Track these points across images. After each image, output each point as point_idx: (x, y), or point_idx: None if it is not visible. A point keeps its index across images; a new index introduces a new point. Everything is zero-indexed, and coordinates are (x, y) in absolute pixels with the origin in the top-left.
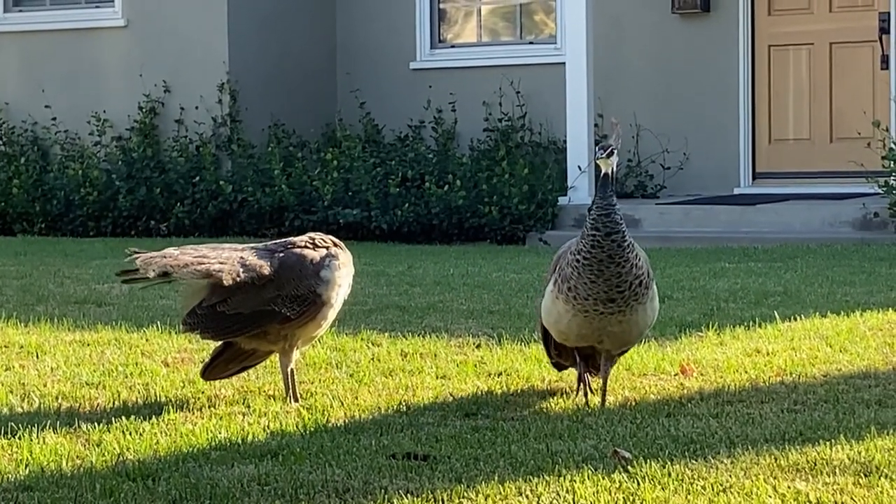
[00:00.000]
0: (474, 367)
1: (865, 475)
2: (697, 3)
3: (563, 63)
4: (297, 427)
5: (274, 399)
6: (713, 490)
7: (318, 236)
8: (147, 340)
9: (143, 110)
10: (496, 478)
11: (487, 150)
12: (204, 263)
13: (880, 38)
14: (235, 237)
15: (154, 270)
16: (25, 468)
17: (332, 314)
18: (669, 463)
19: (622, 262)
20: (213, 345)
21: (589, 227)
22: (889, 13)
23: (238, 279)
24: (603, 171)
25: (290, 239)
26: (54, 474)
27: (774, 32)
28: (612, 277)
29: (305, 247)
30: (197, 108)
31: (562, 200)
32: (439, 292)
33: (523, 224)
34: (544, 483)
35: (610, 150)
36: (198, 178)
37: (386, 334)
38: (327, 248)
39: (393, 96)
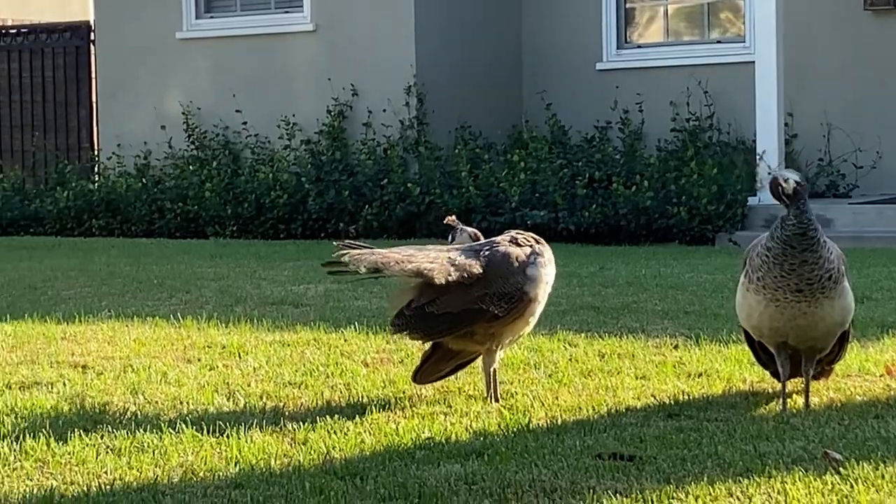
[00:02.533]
0: (673, 368)
1: None
2: None
3: (752, 62)
4: (499, 427)
5: (474, 399)
6: None
7: (520, 234)
8: (346, 341)
9: (332, 114)
10: (705, 479)
11: (675, 150)
12: (413, 262)
13: None
14: (423, 239)
15: (365, 267)
16: (235, 466)
17: (538, 310)
18: (882, 465)
19: (814, 263)
20: (415, 346)
21: (781, 238)
22: None
23: (449, 278)
24: (791, 190)
25: (494, 238)
26: (264, 472)
27: None
28: (803, 274)
29: (510, 245)
30: (384, 111)
31: (751, 201)
32: (632, 293)
33: (712, 224)
34: (755, 484)
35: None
36: (385, 180)
37: (582, 335)
38: (531, 245)
39: (579, 97)
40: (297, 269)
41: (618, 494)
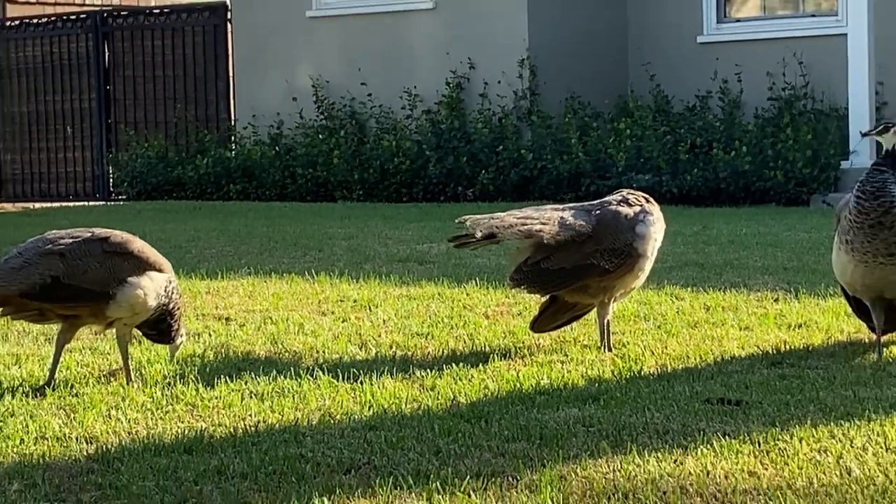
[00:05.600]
0: (775, 320)
1: None
2: None
3: (845, 34)
4: (613, 374)
5: (589, 348)
6: None
7: (631, 194)
8: (468, 295)
9: (450, 86)
10: (808, 422)
11: (772, 117)
12: (527, 224)
13: None
14: (535, 202)
15: (481, 231)
16: (369, 409)
17: (647, 266)
18: None
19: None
20: (532, 300)
21: (855, 192)
22: None
23: (558, 238)
24: (884, 148)
25: (606, 198)
26: (395, 415)
27: None
28: (889, 237)
29: (620, 204)
30: (499, 82)
31: (844, 164)
32: (734, 250)
33: (807, 187)
34: (855, 427)
35: (883, 126)
36: (501, 147)
37: (688, 289)
38: (641, 205)
39: (681, 69)
40: (420, 230)
41: (726, 436)
